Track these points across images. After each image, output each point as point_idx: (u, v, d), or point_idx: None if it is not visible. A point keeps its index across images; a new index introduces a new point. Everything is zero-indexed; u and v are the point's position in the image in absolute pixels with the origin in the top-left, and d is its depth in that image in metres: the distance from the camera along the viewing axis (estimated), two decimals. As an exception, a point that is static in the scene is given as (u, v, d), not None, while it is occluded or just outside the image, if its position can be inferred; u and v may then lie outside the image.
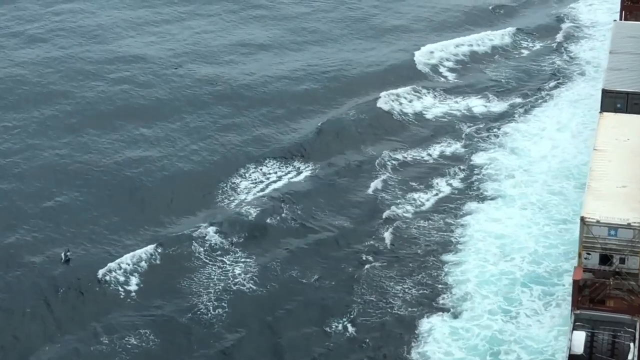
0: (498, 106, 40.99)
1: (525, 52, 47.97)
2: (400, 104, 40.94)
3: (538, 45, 48.83)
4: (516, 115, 40.02)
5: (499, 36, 49.96)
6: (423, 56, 46.34)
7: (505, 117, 39.96)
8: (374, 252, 29.91)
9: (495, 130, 38.50)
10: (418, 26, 51.68)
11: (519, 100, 41.78)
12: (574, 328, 23.03)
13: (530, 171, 35.10)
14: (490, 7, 54.75)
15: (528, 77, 44.74)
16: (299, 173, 34.89)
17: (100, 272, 28.26)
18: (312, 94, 42.21)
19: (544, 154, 36.46)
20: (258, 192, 33.27)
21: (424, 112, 40.23)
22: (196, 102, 40.98)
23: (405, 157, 36.06)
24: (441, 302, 27.39)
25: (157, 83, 42.84)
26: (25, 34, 49.04)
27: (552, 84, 43.47)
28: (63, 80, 43.05)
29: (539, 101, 41.68)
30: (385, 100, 41.10)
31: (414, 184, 34.13)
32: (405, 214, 32.01)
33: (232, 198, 33.05)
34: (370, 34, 50.11)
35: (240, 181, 34.23)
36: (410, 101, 41.29)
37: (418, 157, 36.06)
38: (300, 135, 37.80)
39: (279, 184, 34.00)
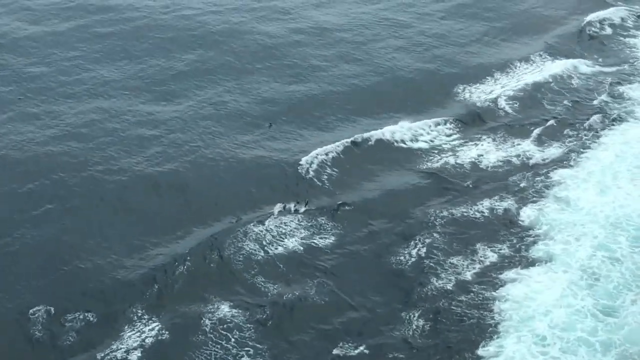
0: (552, 149, 38.69)
1: (585, 85, 45.50)
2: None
3: (595, 80, 46.28)
4: (571, 160, 37.67)
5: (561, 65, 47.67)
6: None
7: (558, 161, 37.71)
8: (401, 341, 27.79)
9: (547, 177, 36.31)
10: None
11: (573, 141, 39.48)
12: None
13: (585, 227, 32.72)
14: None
15: (583, 114, 42.21)
16: (324, 230, 33.25)
17: None
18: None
19: (601, 206, 34.05)
20: (272, 249, 31.84)
21: (478, 159, 38.12)
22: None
23: (454, 214, 33.93)
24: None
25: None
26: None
27: (613, 124, 40.99)
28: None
29: (594, 144, 39.16)
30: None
31: (457, 246, 32.06)
32: (444, 286, 29.96)
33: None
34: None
35: (257, 230, 32.81)
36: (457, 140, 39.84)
37: (466, 213, 33.97)
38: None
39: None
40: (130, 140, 38.59)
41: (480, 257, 31.28)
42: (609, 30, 52.71)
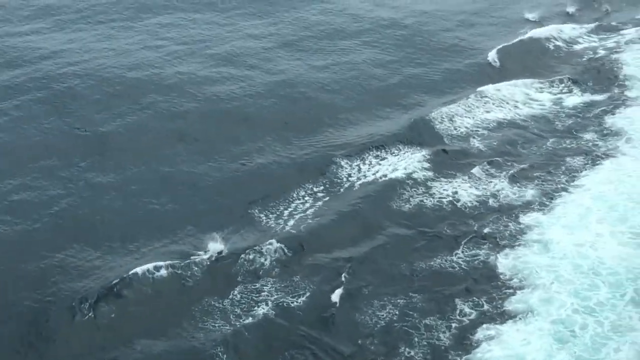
0: (527, 190, 38.22)
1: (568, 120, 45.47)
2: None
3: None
4: (547, 202, 37.22)
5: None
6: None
7: (533, 203, 37.28)
8: None
9: (522, 220, 35.86)
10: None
11: (550, 181, 39.13)
12: None
13: (562, 274, 32.12)
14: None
15: (560, 151, 42.24)
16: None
17: None
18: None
19: (578, 251, 33.53)
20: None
21: (453, 197, 37.78)
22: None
23: (431, 265, 33.38)
24: None
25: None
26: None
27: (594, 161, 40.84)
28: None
29: (572, 183, 38.94)
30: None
31: (432, 303, 31.25)
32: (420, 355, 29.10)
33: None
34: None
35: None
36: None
37: (443, 264, 33.44)
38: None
39: None
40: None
41: (458, 314, 30.76)
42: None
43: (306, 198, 37.68)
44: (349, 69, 51.34)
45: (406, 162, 40.41)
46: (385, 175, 39.48)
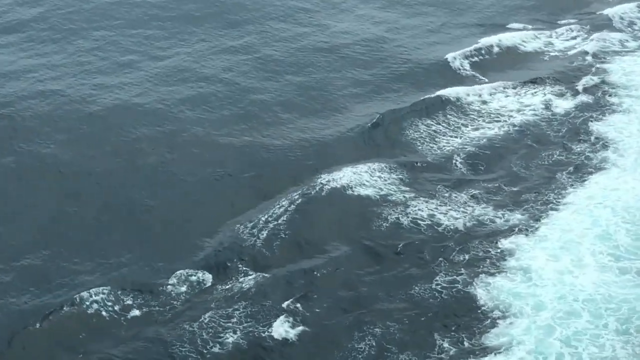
0: (510, 213, 37.22)
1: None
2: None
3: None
4: (530, 226, 36.25)
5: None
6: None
7: (516, 227, 36.27)
8: None
9: (503, 245, 34.96)
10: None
11: (534, 204, 38.09)
12: None
13: (544, 303, 31.38)
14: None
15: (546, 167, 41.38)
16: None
17: None
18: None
19: (561, 279, 32.82)
20: None
21: (431, 220, 36.91)
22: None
23: (410, 295, 32.63)
24: None
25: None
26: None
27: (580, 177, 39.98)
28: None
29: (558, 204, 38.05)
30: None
31: (410, 339, 30.54)
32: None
33: None
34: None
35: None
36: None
37: (421, 294, 32.68)
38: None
39: None
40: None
41: (437, 350, 30.06)
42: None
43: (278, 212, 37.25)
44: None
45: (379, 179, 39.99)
46: (355, 190, 38.89)
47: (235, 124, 44.98)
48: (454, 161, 41.73)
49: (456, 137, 44.02)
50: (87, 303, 31.96)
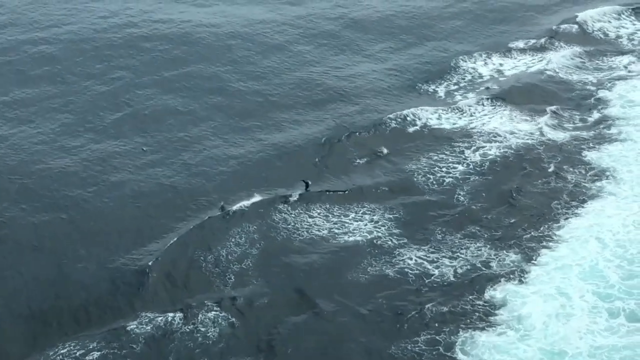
0: (505, 253, 35.38)
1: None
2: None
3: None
4: (522, 270, 34.24)
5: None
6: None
7: (509, 272, 34.23)
8: None
9: (490, 294, 33.02)
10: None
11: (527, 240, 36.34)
12: None
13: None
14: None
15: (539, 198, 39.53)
16: None
17: None
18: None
19: (550, 330, 30.99)
20: None
21: (423, 269, 34.73)
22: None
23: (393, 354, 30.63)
24: None
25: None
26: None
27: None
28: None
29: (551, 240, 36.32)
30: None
31: None
32: None
33: None
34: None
35: None
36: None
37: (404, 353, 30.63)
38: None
39: None
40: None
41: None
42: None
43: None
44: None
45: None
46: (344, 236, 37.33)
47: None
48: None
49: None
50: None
